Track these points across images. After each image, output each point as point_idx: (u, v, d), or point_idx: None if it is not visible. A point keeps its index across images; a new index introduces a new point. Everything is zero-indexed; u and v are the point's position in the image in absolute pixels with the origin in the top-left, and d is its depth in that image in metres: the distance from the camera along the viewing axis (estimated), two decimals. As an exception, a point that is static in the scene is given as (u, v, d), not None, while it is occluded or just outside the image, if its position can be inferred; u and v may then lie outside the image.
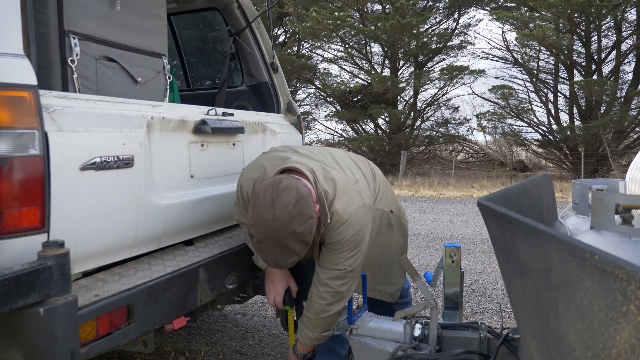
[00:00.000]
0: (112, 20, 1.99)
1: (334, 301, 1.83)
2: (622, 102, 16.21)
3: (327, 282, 1.82)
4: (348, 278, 1.83)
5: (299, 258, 1.69)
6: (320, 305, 1.83)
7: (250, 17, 3.02)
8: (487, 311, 3.78)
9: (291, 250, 1.63)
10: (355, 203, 1.84)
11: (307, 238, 1.64)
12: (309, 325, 1.90)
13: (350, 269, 1.82)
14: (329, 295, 1.82)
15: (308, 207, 1.65)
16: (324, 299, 1.82)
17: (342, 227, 1.77)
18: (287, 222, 1.60)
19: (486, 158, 21.13)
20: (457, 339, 1.79)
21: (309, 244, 1.66)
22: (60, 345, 1.26)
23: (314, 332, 1.89)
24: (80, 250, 1.51)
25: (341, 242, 1.79)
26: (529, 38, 15.40)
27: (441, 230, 7.10)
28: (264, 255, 1.67)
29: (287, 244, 1.61)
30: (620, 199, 1.19)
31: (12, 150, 1.29)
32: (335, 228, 1.78)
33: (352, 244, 1.80)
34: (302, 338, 1.94)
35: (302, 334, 1.93)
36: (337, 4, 19.12)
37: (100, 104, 1.63)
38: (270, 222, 1.60)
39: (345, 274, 1.82)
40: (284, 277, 2.07)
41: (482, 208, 1.03)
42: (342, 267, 1.81)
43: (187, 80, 3.67)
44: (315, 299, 1.84)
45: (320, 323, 1.87)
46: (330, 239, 1.80)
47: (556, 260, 0.70)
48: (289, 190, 1.63)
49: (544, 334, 0.81)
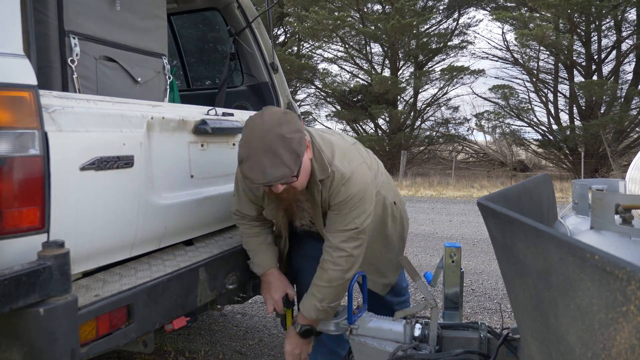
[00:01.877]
0: (112, 20, 1.99)
1: (347, 267, 1.81)
2: (622, 102, 16.21)
3: (340, 245, 1.79)
4: (360, 239, 1.81)
5: (289, 176, 1.62)
6: (335, 272, 1.80)
7: (250, 17, 3.02)
8: (487, 311, 3.78)
9: (280, 159, 1.59)
10: (355, 160, 1.84)
11: (296, 149, 1.61)
12: (318, 295, 1.83)
13: (361, 227, 1.80)
14: (343, 260, 1.80)
15: (296, 122, 1.67)
16: (338, 265, 1.80)
17: (345, 185, 1.77)
18: (276, 125, 1.61)
19: (486, 158, 21.14)
20: (457, 339, 1.79)
21: (299, 158, 1.63)
22: (60, 345, 1.26)
23: (323, 303, 1.82)
24: (80, 250, 1.51)
25: (347, 200, 1.77)
26: (528, 38, 15.40)
27: (441, 230, 7.10)
28: (253, 172, 1.61)
29: (277, 150, 1.59)
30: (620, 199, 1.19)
31: (12, 150, 1.29)
32: (338, 187, 1.78)
33: (358, 201, 1.78)
34: (307, 310, 1.85)
35: (308, 305, 1.84)
36: (337, 4, 19.12)
37: (100, 104, 1.63)
38: (259, 127, 1.62)
39: (357, 234, 1.80)
40: (280, 287, 2.02)
41: (482, 208, 1.03)
42: (353, 227, 1.79)
43: (187, 80, 3.67)
44: (329, 266, 1.81)
45: (332, 292, 1.82)
46: (336, 199, 1.79)
47: (556, 260, 0.70)
48: (277, 108, 1.74)
49: (544, 334, 0.81)
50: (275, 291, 2.01)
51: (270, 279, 2.02)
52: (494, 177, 16.64)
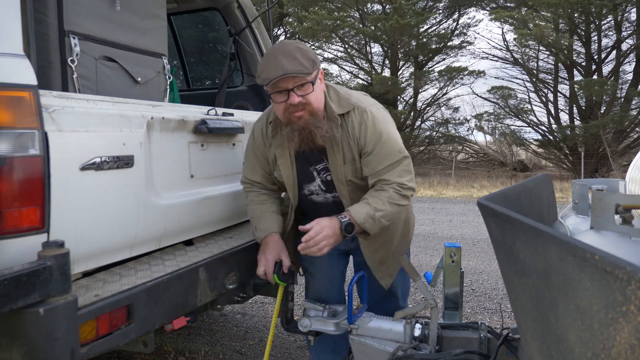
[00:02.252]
0: (112, 20, 1.99)
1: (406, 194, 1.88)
2: (622, 102, 16.21)
3: (397, 180, 1.85)
4: (410, 169, 1.91)
5: (305, 74, 1.73)
6: (395, 193, 1.85)
7: (250, 17, 3.02)
8: (487, 311, 3.79)
9: (297, 59, 1.72)
10: (370, 100, 1.95)
11: (312, 57, 1.77)
12: (374, 205, 1.82)
13: (403, 151, 1.90)
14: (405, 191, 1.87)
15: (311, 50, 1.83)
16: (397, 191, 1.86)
17: (370, 121, 1.85)
18: (293, 42, 1.82)
19: (486, 158, 21.14)
20: (457, 339, 1.79)
21: (315, 64, 1.78)
22: (60, 345, 1.26)
23: (376, 213, 1.81)
24: (80, 250, 1.51)
25: (381, 134, 1.85)
26: (528, 38, 15.41)
27: (441, 230, 7.10)
28: (270, 69, 1.72)
29: (294, 54, 1.73)
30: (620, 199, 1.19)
31: (12, 150, 1.29)
32: (364, 124, 1.85)
33: (389, 132, 1.88)
34: (357, 213, 1.81)
35: (361, 210, 1.81)
36: (337, 4, 19.12)
37: (100, 104, 1.63)
38: (277, 45, 1.83)
39: (404, 160, 1.89)
40: (276, 248, 1.96)
41: (482, 208, 1.03)
42: (400, 155, 1.87)
43: (187, 80, 3.67)
44: (389, 188, 1.85)
45: (389, 208, 1.84)
46: (368, 136, 1.85)
47: (556, 260, 0.70)
48: None
49: (544, 334, 0.81)
50: (269, 252, 1.94)
51: (268, 240, 1.97)
52: (494, 177, 16.64)
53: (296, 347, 3.09)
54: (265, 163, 2.04)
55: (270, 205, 2.07)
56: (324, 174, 1.99)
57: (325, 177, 1.99)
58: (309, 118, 1.80)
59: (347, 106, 1.87)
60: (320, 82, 1.84)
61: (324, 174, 1.99)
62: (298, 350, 3.05)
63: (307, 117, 1.80)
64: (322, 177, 2.00)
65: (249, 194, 2.11)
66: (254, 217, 2.07)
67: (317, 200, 2.05)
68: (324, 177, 1.99)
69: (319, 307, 1.97)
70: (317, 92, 1.80)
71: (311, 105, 1.78)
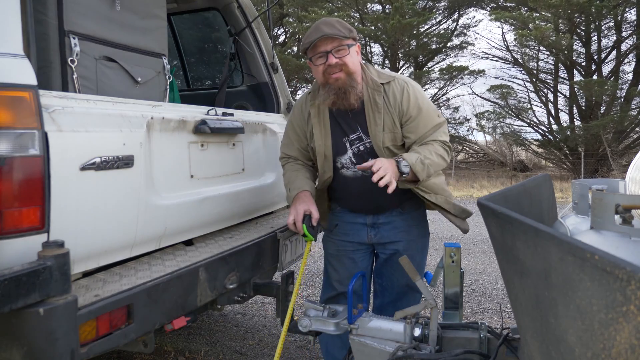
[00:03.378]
0: (112, 20, 1.99)
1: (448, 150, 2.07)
2: (622, 102, 16.21)
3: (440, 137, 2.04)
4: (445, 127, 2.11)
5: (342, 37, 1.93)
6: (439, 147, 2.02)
7: (250, 17, 3.02)
8: (487, 311, 3.79)
9: (335, 26, 1.95)
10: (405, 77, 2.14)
11: (349, 27, 2.00)
12: (422, 153, 1.95)
13: (442, 118, 2.10)
14: (447, 146, 2.06)
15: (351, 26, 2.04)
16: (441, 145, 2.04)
17: (411, 89, 2.03)
18: (332, 17, 2.06)
19: (486, 158, 21.13)
20: (457, 339, 1.79)
21: (352, 32, 1.99)
22: (60, 345, 1.26)
23: (425, 160, 1.93)
24: (80, 250, 1.51)
25: (422, 102, 2.03)
26: (528, 38, 15.40)
27: (441, 230, 7.10)
28: (312, 33, 1.95)
29: (333, 23, 1.97)
30: (620, 199, 1.19)
31: (12, 150, 1.29)
32: (406, 92, 2.02)
33: (425, 99, 2.07)
34: (409, 156, 1.92)
35: (414, 156, 1.92)
36: (337, 4, 19.11)
37: (100, 104, 1.63)
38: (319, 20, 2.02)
39: (443, 124, 2.08)
40: (306, 202, 2.05)
41: (482, 208, 1.03)
42: (438, 120, 2.06)
43: (187, 80, 3.67)
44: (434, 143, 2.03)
45: (434, 158, 1.98)
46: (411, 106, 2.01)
47: (556, 260, 0.70)
48: None
49: (543, 334, 0.81)
50: (300, 204, 2.03)
51: (300, 195, 2.08)
52: (494, 177, 16.64)
53: (296, 347, 3.09)
54: (302, 138, 2.19)
55: (304, 172, 2.20)
56: (356, 145, 2.09)
57: (357, 148, 2.09)
58: (346, 79, 1.96)
59: (388, 77, 2.06)
60: (357, 54, 2.02)
61: (357, 144, 2.08)
62: (298, 350, 3.05)
63: (344, 78, 1.96)
64: (354, 148, 2.09)
65: (285, 165, 2.26)
66: (288, 182, 2.19)
67: (347, 174, 2.13)
68: (356, 148, 2.09)
69: (319, 307, 1.97)
70: (353, 57, 1.98)
71: (347, 67, 1.95)
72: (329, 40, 1.93)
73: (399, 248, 2.21)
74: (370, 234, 2.22)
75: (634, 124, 16.39)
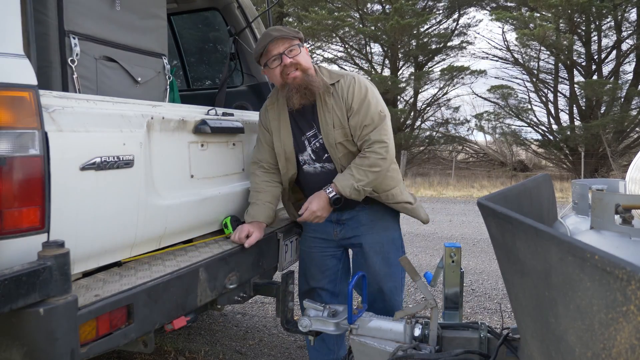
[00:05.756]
0: (112, 20, 1.99)
1: (386, 155, 2.08)
2: (622, 102, 16.22)
3: (377, 138, 2.06)
4: (389, 127, 2.12)
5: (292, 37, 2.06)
6: (376, 159, 2.06)
7: (250, 17, 3.02)
8: (487, 311, 3.79)
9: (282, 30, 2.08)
10: (354, 73, 2.20)
11: (295, 30, 2.12)
12: (357, 176, 2.05)
13: (384, 112, 2.11)
14: (383, 150, 2.07)
15: None
16: (378, 153, 2.06)
17: (355, 82, 2.10)
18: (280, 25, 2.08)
19: (486, 158, 21.14)
20: (457, 339, 1.79)
21: (299, 34, 2.10)
22: (60, 345, 1.26)
23: (359, 183, 2.04)
24: (80, 250, 1.51)
25: (363, 95, 2.08)
26: (529, 38, 15.40)
27: (441, 230, 7.10)
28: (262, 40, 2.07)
29: (279, 28, 2.11)
30: (620, 199, 1.19)
31: (12, 150, 1.29)
32: (352, 86, 2.09)
33: (370, 94, 2.10)
34: (342, 187, 2.05)
35: (345, 183, 2.05)
36: (337, 4, 19.11)
37: (100, 104, 1.62)
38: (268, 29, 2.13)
39: (384, 119, 2.10)
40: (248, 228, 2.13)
41: (482, 208, 1.03)
42: (375, 113, 2.07)
43: (187, 80, 3.67)
44: (370, 154, 2.07)
45: (370, 176, 2.06)
46: (354, 98, 2.08)
47: (556, 260, 0.70)
48: None
49: (543, 334, 0.81)
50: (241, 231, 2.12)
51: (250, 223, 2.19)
52: (494, 177, 16.64)
53: (296, 347, 3.09)
54: (268, 134, 2.26)
55: (265, 195, 2.25)
56: (313, 141, 2.19)
57: (314, 144, 2.19)
58: (303, 76, 2.06)
59: (337, 77, 2.13)
60: (307, 54, 2.12)
61: (314, 140, 2.18)
62: (298, 350, 3.05)
63: (301, 76, 2.06)
64: (312, 145, 2.19)
65: (254, 172, 2.30)
66: (250, 198, 2.29)
67: (308, 170, 2.24)
68: (314, 144, 2.19)
69: (319, 307, 1.97)
70: (305, 55, 2.09)
71: (302, 65, 2.06)
72: (280, 42, 2.04)
73: (362, 242, 2.27)
74: (336, 230, 2.29)
75: (634, 124, 16.40)
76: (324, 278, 2.37)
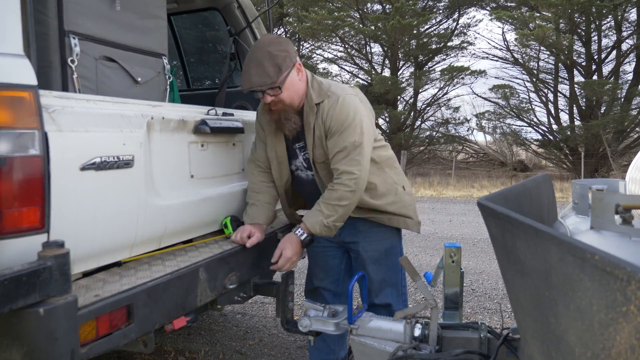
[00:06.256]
0: (112, 20, 1.99)
1: (355, 187, 1.99)
2: (622, 102, 16.21)
3: (346, 169, 1.99)
4: (362, 159, 2.00)
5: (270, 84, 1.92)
6: (344, 192, 1.99)
7: (250, 17, 3.02)
8: (487, 311, 3.79)
9: (264, 70, 1.92)
10: (349, 90, 2.08)
11: (279, 63, 1.93)
12: (325, 212, 2.00)
13: (359, 145, 1.99)
14: (352, 182, 1.98)
15: (288, 44, 2.01)
16: (347, 186, 1.99)
17: (339, 105, 1.99)
18: (267, 44, 1.97)
19: (486, 158, 21.13)
20: (457, 339, 1.78)
21: (281, 71, 1.93)
22: (60, 345, 1.26)
23: (329, 219, 2.00)
24: (80, 251, 1.51)
25: (344, 120, 1.98)
26: (529, 38, 15.40)
27: (441, 230, 7.10)
28: (243, 80, 1.98)
29: (262, 63, 1.93)
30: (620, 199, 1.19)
31: (12, 151, 1.29)
32: (333, 107, 1.99)
33: (353, 121, 1.99)
34: (312, 225, 2.02)
35: (315, 220, 2.01)
36: (337, 4, 19.11)
37: (100, 104, 1.62)
38: (254, 46, 2.03)
39: (356, 148, 1.98)
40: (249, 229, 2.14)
41: (482, 208, 1.03)
42: (350, 142, 1.98)
43: (187, 80, 3.67)
44: (338, 187, 2.00)
45: (339, 210, 2.00)
46: (332, 120, 1.99)
47: (556, 260, 0.70)
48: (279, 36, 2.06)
49: (543, 334, 0.81)
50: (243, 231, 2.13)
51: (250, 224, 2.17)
52: (494, 177, 16.64)
53: (296, 347, 3.09)
54: (263, 135, 2.24)
55: (264, 195, 2.24)
56: (303, 152, 2.18)
57: (304, 155, 2.19)
58: (283, 109, 2.02)
59: (324, 95, 2.04)
60: (298, 73, 2.01)
61: (303, 151, 2.18)
62: (298, 350, 3.05)
63: (282, 108, 2.02)
64: (303, 154, 2.19)
65: (251, 174, 2.29)
66: (248, 202, 2.26)
67: (302, 176, 2.24)
68: (304, 155, 2.19)
69: (319, 307, 1.97)
70: (289, 89, 1.98)
71: (283, 102, 1.99)
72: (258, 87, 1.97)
73: (360, 249, 2.27)
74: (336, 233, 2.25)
75: (634, 124, 16.40)
76: (327, 278, 2.40)
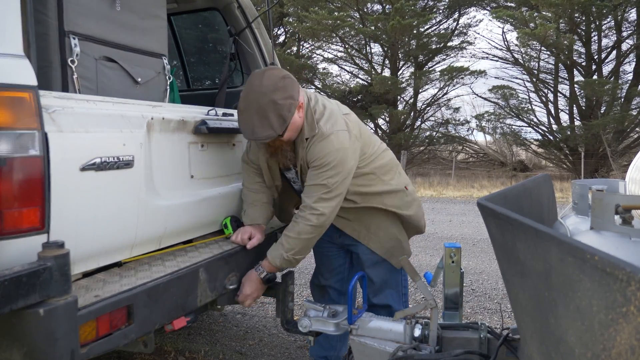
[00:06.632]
0: (112, 20, 1.99)
1: (317, 223, 1.96)
2: (622, 102, 16.21)
3: (312, 205, 1.95)
4: (331, 199, 1.95)
5: (274, 136, 1.86)
6: (305, 226, 1.96)
7: (250, 17, 3.02)
8: (487, 311, 3.79)
9: (269, 121, 1.83)
10: (339, 126, 1.99)
11: (285, 114, 1.84)
12: (286, 245, 1.98)
13: (331, 186, 1.93)
14: (315, 218, 1.95)
15: (293, 87, 1.89)
16: (309, 221, 1.96)
17: (323, 143, 1.93)
18: (271, 90, 1.84)
19: (486, 158, 21.13)
20: (457, 340, 1.79)
21: (285, 123, 1.85)
22: (60, 345, 1.26)
23: (289, 253, 1.98)
24: (81, 251, 1.51)
25: (323, 159, 1.92)
26: (529, 38, 15.40)
27: (441, 230, 7.10)
28: (244, 127, 1.89)
29: (266, 113, 1.83)
30: (620, 199, 1.19)
31: (12, 151, 1.29)
32: (317, 143, 1.94)
33: (332, 162, 1.92)
34: (273, 258, 2.01)
35: (275, 254, 2.00)
36: (337, 4, 19.10)
37: (100, 105, 1.62)
38: (256, 88, 1.86)
39: (328, 193, 1.94)
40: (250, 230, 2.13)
41: (482, 208, 1.03)
42: (323, 182, 1.93)
43: (187, 81, 3.67)
44: (300, 221, 1.98)
45: (300, 244, 1.98)
46: (313, 156, 1.95)
47: (556, 260, 0.70)
48: (280, 70, 1.93)
49: (543, 335, 0.81)
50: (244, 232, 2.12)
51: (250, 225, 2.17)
52: (494, 177, 16.64)
53: (296, 347, 3.09)
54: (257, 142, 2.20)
55: (262, 195, 2.23)
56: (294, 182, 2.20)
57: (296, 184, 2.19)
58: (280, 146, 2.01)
59: (314, 130, 1.97)
60: (299, 110, 1.93)
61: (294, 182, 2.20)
62: (298, 350, 3.05)
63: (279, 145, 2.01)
64: (294, 184, 2.22)
65: (245, 173, 2.26)
66: (245, 202, 2.24)
67: (296, 187, 2.23)
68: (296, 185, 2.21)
69: (319, 307, 1.97)
70: (290, 131, 1.93)
71: (282, 142, 1.98)
72: None
73: (359, 252, 2.27)
74: (336, 235, 2.30)
75: (634, 124, 16.40)
76: (332, 277, 2.43)
